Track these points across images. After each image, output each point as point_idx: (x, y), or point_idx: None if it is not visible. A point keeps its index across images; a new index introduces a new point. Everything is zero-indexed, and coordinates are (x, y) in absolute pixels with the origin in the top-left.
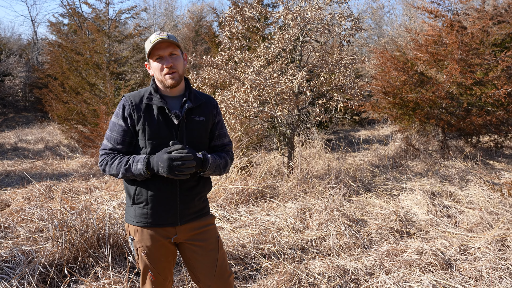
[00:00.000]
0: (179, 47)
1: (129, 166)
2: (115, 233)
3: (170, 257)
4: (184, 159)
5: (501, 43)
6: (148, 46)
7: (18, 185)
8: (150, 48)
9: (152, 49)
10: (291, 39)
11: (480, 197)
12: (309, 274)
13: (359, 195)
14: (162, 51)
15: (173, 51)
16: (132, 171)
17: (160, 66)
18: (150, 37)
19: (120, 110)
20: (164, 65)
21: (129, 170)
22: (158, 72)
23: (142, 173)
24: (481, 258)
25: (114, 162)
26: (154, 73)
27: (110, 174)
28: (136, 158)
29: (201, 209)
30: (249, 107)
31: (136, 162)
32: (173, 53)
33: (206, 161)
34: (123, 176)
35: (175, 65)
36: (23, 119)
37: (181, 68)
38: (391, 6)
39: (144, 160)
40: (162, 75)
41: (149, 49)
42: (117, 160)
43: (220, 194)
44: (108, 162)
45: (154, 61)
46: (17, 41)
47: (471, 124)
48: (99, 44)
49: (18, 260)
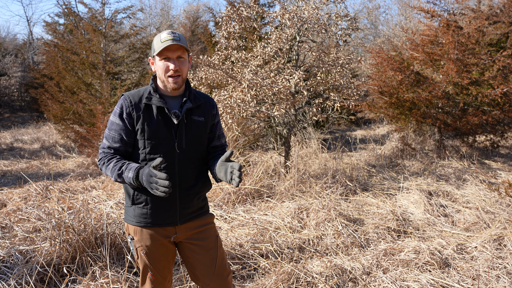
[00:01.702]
0: (188, 51)
1: (121, 172)
2: (113, 232)
3: (169, 257)
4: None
5: (496, 43)
6: (157, 44)
7: (15, 185)
8: (160, 47)
9: (162, 49)
10: (287, 38)
11: (476, 196)
12: (306, 273)
13: (356, 195)
14: (171, 53)
15: (182, 54)
16: (124, 177)
17: (166, 67)
18: (161, 35)
19: (119, 109)
20: (170, 67)
21: (121, 176)
22: (162, 72)
23: (132, 182)
24: (478, 257)
25: (109, 165)
26: (158, 72)
27: (106, 174)
28: (130, 166)
29: (200, 208)
30: (246, 107)
31: (128, 170)
32: (181, 56)
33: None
34: (116, 180)
35: (180, 69)
36: (19, 119)
37: (185, 72)
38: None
39: (135, 170)
40: (165, 77)
41: (159, 48)
42: (113, 163)
43: (217, 194)
44: (105, 163)
45: (160, 60)
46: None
47: (467, 123)
48: (95, 44)
49: (15, 259)
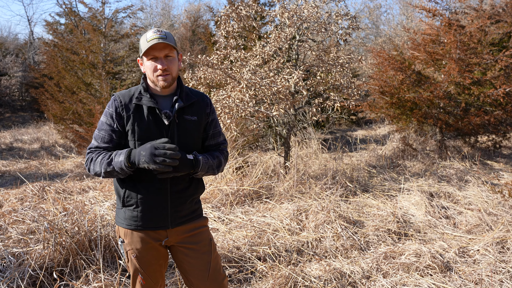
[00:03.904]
0: (176, 48)
1: (111, 159)
2: (107, 235)
3: (161, 260)
4: (167, 149)
5: (499, 43)
6: (144, 44)
7: (12, 186)
8: (146, 47)
9: (148, 48)
10: (287, 38)
11: (478, 197)
12: (304, 277)
13: (356, 196)
14: (158, 52)
15: (169, 53)
16: (113, 164)
17: (154, 67)
18: (147, 34)
19: (109, 109)
20: (158, 67)
21: (110, 164)
22: (151, 72)
23: (123, 166)
24: (480, 261)
25: (98, 158)
26: (146, 72)
27: (94, 172)
28: (119, 151)
29: (193, 211)
30: (245, 107)
31: (118, 155)
32: (168, 55)
33: (197, 162)
34: (105, 172)
35: (169, 68)
36: (19, 118)
37: (175, 71)
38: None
39: (126, 151)
40: (154, 76)
41: (145, 48)
42: (102, 155)
43: (215, 195)
44: (93, 159)
45: (148, 60)
46: (14, 40)
47: (469, 124)
48: (94, 43)
49: (8, 262)
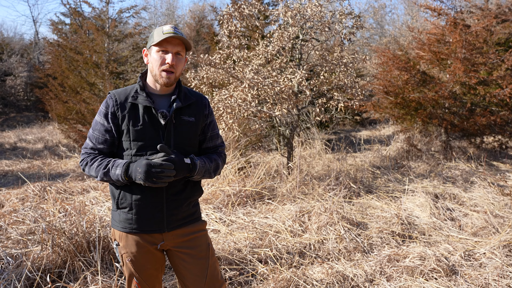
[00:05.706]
0: (188, 49)
1: (108, 170)
2: (105, 236)
3: (157, 265)
4: (164, 167)
5: (505, 42)
6: (158, 35)
7: (14, 186)
8: (161, 38)
9: (162, 40)
10: (290, 37)
11: (484, 199)
12: (306, 280)
13: (360, 197)
14: (172, 47)
15: (181, 51)
16: (110, 175)
17: (162, 60)
18: (164, 27)
19: (104, 108)
20: (166, 60)
21: (107, 175)
22: (157, 65)
23: (120, 179)
24: (487, 265)
25: (94, 164)
26: (151, 64)
27: (90, 175)
28: (116, 162)
29: (190, 215)
30: (247, 107)
31: (115, 167)
32: (179, 53)
33: (194, 166)
34: (102, 179)
35: (176, 65)
36: (24, 118)
37: (179, 71)
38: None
39: (123, 165)
40: (158, 70)
41: (159, 39)
42: (97, 161)
43: (217, 196)
44: (88, 163)
45: (157, 52)
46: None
47: (474, 124)
48: (98, 43)
49: (6, 264)
